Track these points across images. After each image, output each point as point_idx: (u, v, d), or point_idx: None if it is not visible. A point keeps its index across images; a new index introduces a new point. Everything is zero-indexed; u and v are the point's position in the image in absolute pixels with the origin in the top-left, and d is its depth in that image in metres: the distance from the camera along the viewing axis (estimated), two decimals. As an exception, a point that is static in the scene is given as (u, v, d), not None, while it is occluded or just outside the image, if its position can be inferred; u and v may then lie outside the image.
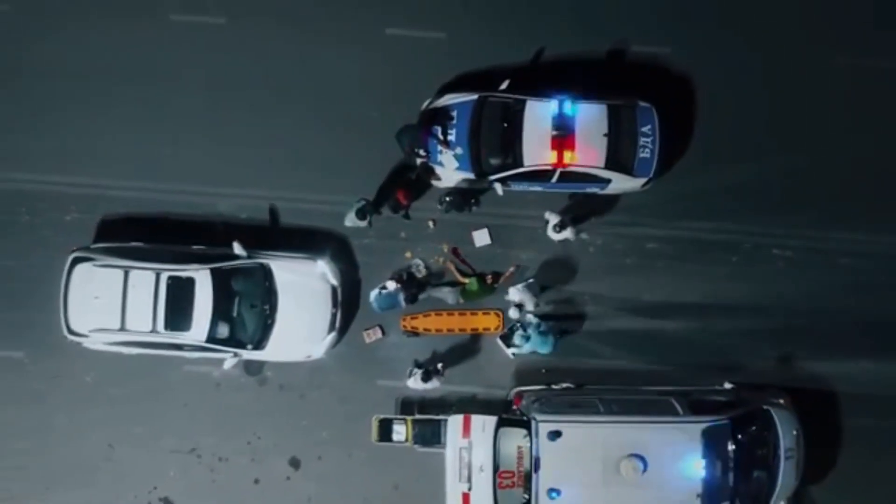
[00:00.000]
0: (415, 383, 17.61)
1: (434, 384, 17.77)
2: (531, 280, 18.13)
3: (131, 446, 18.68)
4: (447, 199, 17.99)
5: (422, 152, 17.74)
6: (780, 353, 18.44)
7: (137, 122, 18.93)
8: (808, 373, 18.46)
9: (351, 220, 17.86)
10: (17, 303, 18.65)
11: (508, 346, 18.01)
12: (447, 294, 18.38)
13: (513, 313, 18.20)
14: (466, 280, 18.40)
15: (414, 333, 18.51)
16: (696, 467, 16.47)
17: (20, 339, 18.68)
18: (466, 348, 18.62)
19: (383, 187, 18.49)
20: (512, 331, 17.92)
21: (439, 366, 17.82)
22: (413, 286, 18.29)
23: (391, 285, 18.03)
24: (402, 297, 17.97)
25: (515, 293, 17.96)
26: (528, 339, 17.58)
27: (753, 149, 18.74)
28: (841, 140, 18.73)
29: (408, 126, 17.81)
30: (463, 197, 18.13)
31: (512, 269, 18.39)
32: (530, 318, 18.03)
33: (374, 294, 18.06)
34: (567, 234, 17.96)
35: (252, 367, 18.65)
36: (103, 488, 18.69)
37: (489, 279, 18.39)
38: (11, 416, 18.67)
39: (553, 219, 17.85)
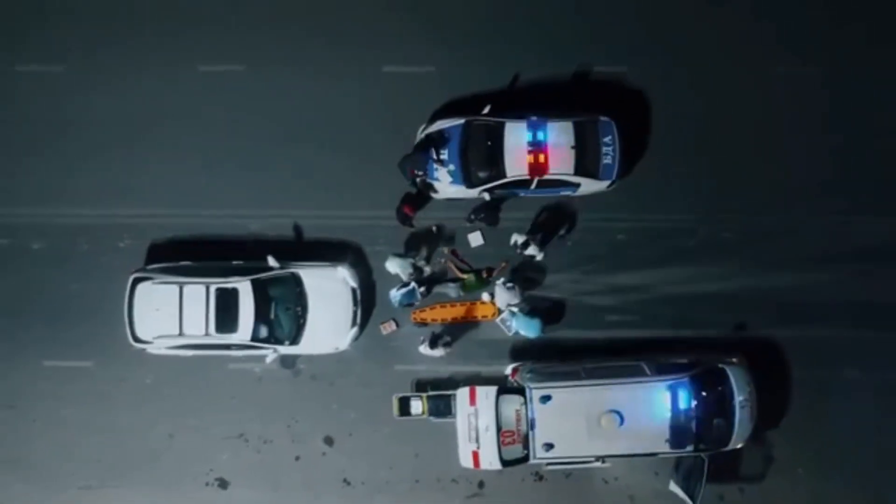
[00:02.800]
0: (425, 349, 18.96)
1: (440, 352, 19.02)
2: (511, 284, 19.09)
3: (188, 435, 19.89)
4: (480, 215, 19.22)
5: (420, 173, 19.03)
6: (735, 320, 19.74)
7: (175, 158, 20.08)
8: (761, 335, 19.70)
9: (399, 266, 19.06)
10: (83, 320, 19.83)
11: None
12: (449, 289, 19.72)
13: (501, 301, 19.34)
14: (465, 276, 19.71)
15: (423, 324, 19.69)
16: (664, 418, 17.90)
17: (88, 350, 19.88)
18: (469, 333, 19.82)
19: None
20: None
21: (447, 338, 19.29)
22: (424, 282, 19.44)
23: (409, 284, 19.04)
24: (418, 292, 19.11)
25: (501, 298, 19.17)
26: (514, 314, 18.99)
27: (700, 150, 19.95)
28: (775, 139, 19.99)
29: (406, 156, 19.05)
30: (492, 210, 19.46)
31: (503, 264, 19.63)
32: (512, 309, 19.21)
33: (393, 292, 19.10)
34: (532, 250, 19.09)
35: (287, 361, 19.75)
36: (167, 473, 19.90)
37: (484, 274, 19.73)
38: (85, 417, 19.93)
39: (519, 239, 19.06)
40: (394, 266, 19.18)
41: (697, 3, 20.30)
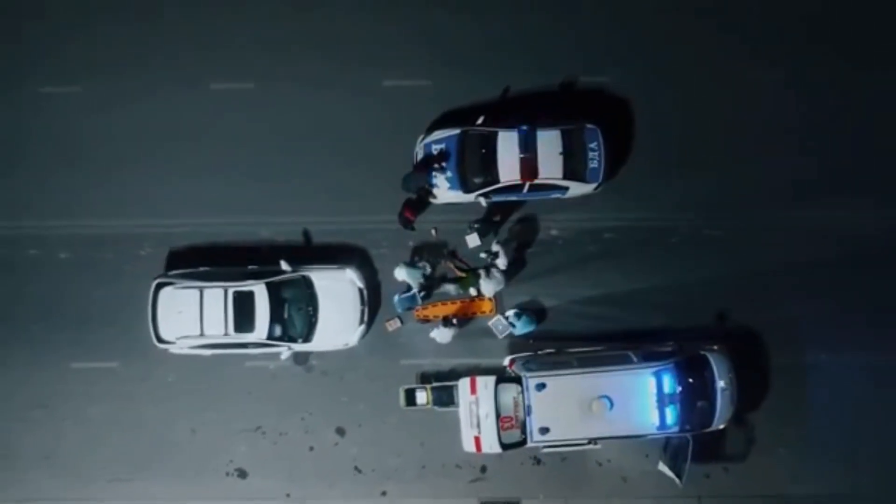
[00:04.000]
0: (437, 331, 19.68)
1: (450, 333, 19.61)
2: (493, 272, 19.80)
3: (209, 429, 20.63)
4: (476, 226, 19.96)
5: (422, 192, 19.79)
6: (715, 310, 20.47)
7: (191, 170, 20.78)
8: (741, 324, 20.45)
9: (408, 275, 19.71)
10: (108, 324, 20.56)
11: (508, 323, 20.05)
12: (449, 287, 20.44)
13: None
14: (464, 275, 20.40)
15: (426, 320, 20.43)
16: (650, 401, 18.66)
17: (113, 352, 20.61)
18: (469, 329, 20.51)
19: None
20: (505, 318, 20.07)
21: (454, 321, 20.03)
22: (425, 287, 20.16)
23: (411, 290, 19.84)
24: (419, 298, 19.96)
25: (487, 288, 20.03)
26: (519, 317, 19.75)
27: (681, 152, 20.69)
28: (752, 140, 20.70)
29: (408, 175, 19.84)
30: (489, 223, 20.31)
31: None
32: (511, 312, 20.01)
33: (396, 298, 19.88)
34: (500, 261, 19.69)
35: (300, 358, 20.49)
36: (189, 465, 20.62)
37: (481, 272, 20.08)
38: (111, 414, 20.66)
39: (494, 248, 19.66)
40: (402, 274, 19.87)
41: (675, 15, 21.04)
